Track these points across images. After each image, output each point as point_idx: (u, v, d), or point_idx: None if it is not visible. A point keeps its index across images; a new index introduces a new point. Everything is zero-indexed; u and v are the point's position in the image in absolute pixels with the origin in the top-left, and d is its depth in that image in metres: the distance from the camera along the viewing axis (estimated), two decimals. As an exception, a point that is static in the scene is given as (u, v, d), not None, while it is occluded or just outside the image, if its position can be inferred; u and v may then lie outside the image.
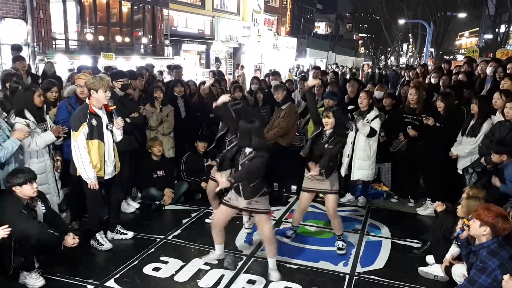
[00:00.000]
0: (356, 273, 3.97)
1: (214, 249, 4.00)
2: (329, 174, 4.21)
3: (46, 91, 4.81)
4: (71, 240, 3.63)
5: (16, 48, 7.31)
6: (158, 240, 4.53)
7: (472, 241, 3.55)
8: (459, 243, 3.49)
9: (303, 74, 13.83)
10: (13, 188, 3.50)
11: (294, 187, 6.16)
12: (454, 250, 3.76)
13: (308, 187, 4.36)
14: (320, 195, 4.60)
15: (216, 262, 4.02)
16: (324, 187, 4.26)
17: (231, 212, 3.84)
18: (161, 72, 9.39)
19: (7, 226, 3.15)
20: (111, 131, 4.13)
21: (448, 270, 3.73)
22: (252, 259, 4.18)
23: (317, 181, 4.24)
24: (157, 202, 5.43)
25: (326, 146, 4.15)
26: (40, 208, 3.72)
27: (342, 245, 4.38)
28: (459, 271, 3.57)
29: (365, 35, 54.96)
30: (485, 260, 3.03)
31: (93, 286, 3.61)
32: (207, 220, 5.00)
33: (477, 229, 3.12)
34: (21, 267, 3.53)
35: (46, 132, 4.17)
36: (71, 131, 3.97)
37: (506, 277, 2.76)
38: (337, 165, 4.36)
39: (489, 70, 6.86)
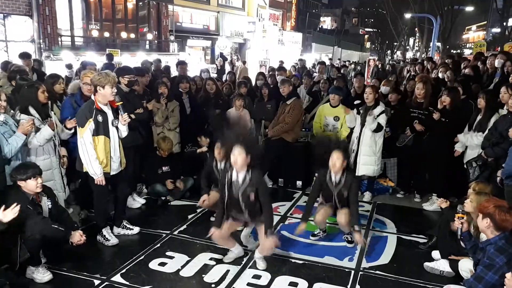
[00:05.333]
0: (361, 268, 3.96)
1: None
2: None
3: (53, 84, 4.86)
4: (78, 237, 3.68)
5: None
6: (164, 235, 4.55)
7: (475, 234, 3.54)
8: (462, 237, 3.48)
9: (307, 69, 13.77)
10: (18, 183, 3.54)
11: (299, 183, 6.16)
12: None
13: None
14: None
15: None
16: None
17: (231, 227, 3.91)
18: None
19: (15, 204, 3.18)
20: (117, 127, 4.14)
21: (454, 265, 3.72)
22: (258, 254, 4.18)
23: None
24: (163, 198, 5.46)
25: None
26: (46, 204, 3.76)
27: (351, 238, 4.39)
28: (466, 266, 3.55)
29: (371, 30, 54.50)
30: (493, 257, 3.00)
31: (100, 281, 3.64)
32: (212, 219, 5.00)
33: (480, 222, 3.12)
34: (27, 262, 3.56)
35: (43, 127, 4.12)
36: (77, 127, 3.99)
37: (509, 275, 2.74)
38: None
39: (497, 63, 6.79)
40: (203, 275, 3.78)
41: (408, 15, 30.92)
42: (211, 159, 4.75)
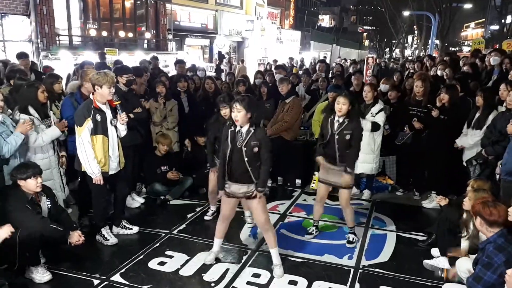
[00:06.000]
0: (361, 266, 3.97)
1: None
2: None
3: (52, 84, 4.85)
4: (76, 237, 3.69)
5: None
6: (163, 234, 4.55)
7: (474, 232, 3.53)
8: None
9: (305, 68, 13.80)
10: (18, 182, 3.54)
11: (298, 181, 6.15)
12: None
13: (324, 178, 4.33)
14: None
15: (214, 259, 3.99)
16: (340, 180, 4.20)
17: (235, 201, 3.82)
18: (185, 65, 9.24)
19: (9, 226, 3.18)
20: (115, 127, 4.14)
21: (453, 262, 3.71)
22: (257, 252, 4.19)
23: (333, 173, 4.21)
24: (162, 197, 5.45)
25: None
26: (45, 203, 3.76)
27: (353, 238, 4.39)
28: (464, 267, 3.53)
29: (370, 28, 54.52)
30: (491, 255, 2.98)
31: (99, 281, 3.64)
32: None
33: (476, 222, 3.11)
34: (27, 262, 3.55)
35: (51, 127, 4.20)
36: (76, 126, 3.99)
37: (509, 271, 2.74)
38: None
39: (492, 60, 6.80)
40: (202, 274, 3.77)
41: (406, 13, 30.91)
42: (216, 120, 4.56)
